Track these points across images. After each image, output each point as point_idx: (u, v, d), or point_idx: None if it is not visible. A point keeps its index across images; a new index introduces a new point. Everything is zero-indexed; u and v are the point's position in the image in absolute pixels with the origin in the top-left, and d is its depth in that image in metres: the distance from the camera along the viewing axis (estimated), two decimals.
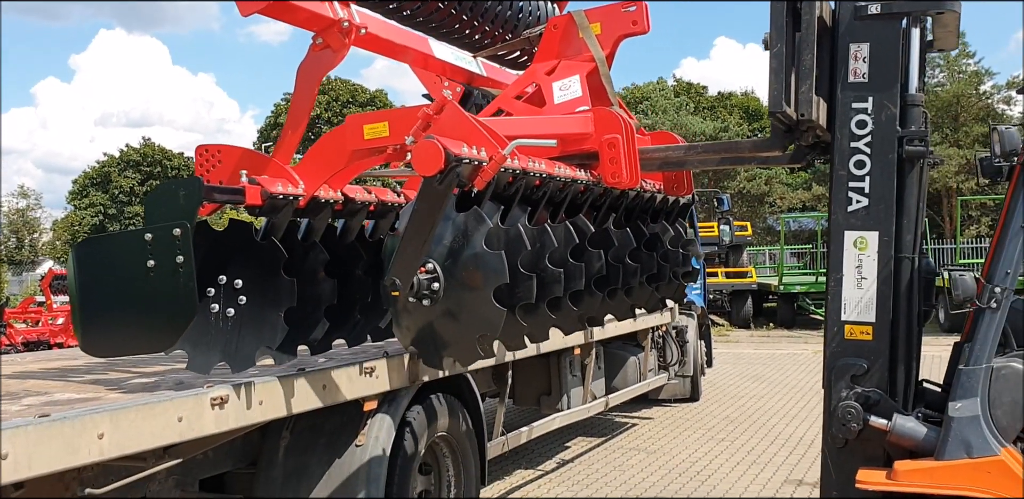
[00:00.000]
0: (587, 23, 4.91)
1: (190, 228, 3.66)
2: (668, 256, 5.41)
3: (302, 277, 4.13)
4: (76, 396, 3.65)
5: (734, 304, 23.22)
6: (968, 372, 3.90)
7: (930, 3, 4.13)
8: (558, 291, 3.93)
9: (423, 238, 3.48)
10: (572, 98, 4.69)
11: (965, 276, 3.90)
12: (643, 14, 4.88)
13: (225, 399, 3.65)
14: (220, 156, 4.33)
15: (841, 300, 4.23)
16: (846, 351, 4.19)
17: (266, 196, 4.04)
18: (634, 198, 5.13)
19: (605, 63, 4.87)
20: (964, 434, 3.80)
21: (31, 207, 47.97)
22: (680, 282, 5.74)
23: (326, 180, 4.22)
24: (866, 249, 4.19)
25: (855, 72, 4.20)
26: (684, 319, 10.76)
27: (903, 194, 4.21)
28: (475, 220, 3.56)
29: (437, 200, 3.46)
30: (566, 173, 4.18)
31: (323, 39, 4.17)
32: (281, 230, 4.19)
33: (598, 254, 4.37)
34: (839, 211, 4.23)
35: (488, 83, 5.45)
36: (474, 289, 3.52)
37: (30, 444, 2.84)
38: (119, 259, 3.83)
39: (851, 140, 4.20)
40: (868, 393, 4.10)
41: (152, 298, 3.73)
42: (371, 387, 4.58)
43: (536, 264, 3.88)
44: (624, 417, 10.49)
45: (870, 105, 4.17)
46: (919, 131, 4.14)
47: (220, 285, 3.99)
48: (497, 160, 3.50)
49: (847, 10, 4.20)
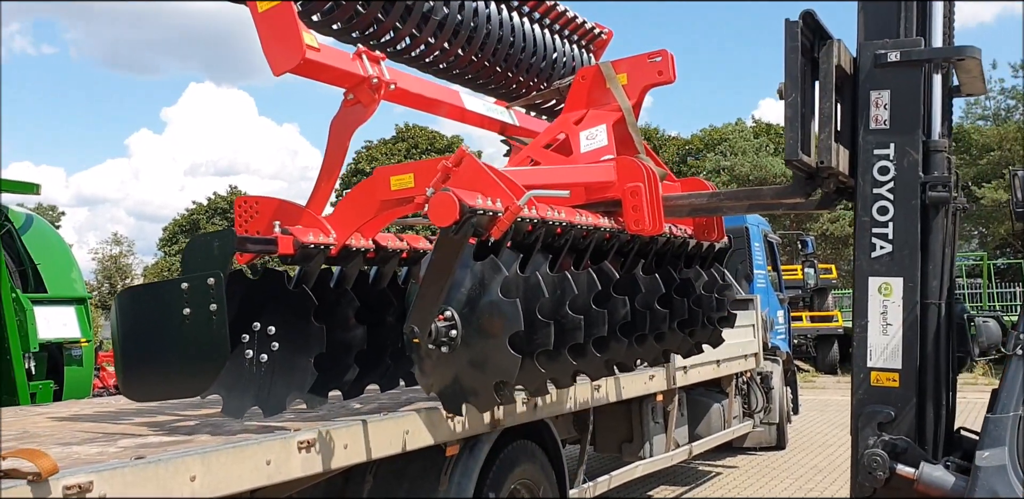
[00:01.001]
0: (614, 74, 5.03)
1: (223, 277, 3.82)
2: (701, 301, 5.43)
3: (333, 323, 4.25)
4: (168, 439, 3.72)
5: (819, 349, 22.70)
6: (995, 420, 3.85)
7: (949, 50, 4.17)
8: (579, 337, 3.98)
9: (440, 286, 3.59)
10: (598, 147, 4.79)
11: (989, 322, 3.88)
12: (668, 64, 4.98)
13: (312, 443, 3.67)
14: (258, 207, 4.50)
15: (867, 346, 4.23)
16: (872, 398, 4.18)
17: (298, 245, 4.19)
18: (664, 244, 5.18)
19: (632, 112, 4.97)
20: (991, 484, 3.75)
21: (123, 254, 49.47)
22: (716, 327, 5.75)
23: (357, 229, 4.36)
24: (891, 295, 4.19)
25: (876, 118, 4.23)
26: (769, 365, 10.53)
27: (928, 240, 4.21)
28: (491, 269, 3.65)
29: (453, 249, 3.56)
30: (588, 221, 4.26)
31: (354, 95, 4.33)
32: (313, 278, 4.32)
33: (623, 300, 4.42)
34: (863, 257, 4.25)
35: (521, 132, 5.58)
36: (490, 336, 3.61)
37: (126, 485, 2.91)
38: (158, 307, 4.00)
39: (874, 186, 4.22)
40: (895, 441, 4.07)
41: (188, 344, 3.89)
42: (454, 432, 4.56)
43: (556, 311, 3.95)
44: (708, 466, 10.29)
45: (892, 151, 4.20)
46: (942, 177, 4.15)
47: (254, 332, 4.13)
48: (513, 210, 3.60)
49: (868, 58, 4.25)
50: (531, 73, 5.74)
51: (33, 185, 7.95)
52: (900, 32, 4.26)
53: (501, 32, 5.33)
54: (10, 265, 7.07)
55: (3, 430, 4.06)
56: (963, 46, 4.19)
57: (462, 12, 5.02)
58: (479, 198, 3.52)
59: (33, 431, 4.06)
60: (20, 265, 7.42)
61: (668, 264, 5.28)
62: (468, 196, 3.50)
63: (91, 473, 2.80)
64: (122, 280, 48.88)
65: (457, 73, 5.37)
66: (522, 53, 5.58)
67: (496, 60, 5.43)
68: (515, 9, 5.53)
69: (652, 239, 4.96)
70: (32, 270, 7.40)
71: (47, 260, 7.80)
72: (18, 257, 7.42)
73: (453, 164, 3.72)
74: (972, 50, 4.16)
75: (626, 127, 4.95)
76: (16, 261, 7.38)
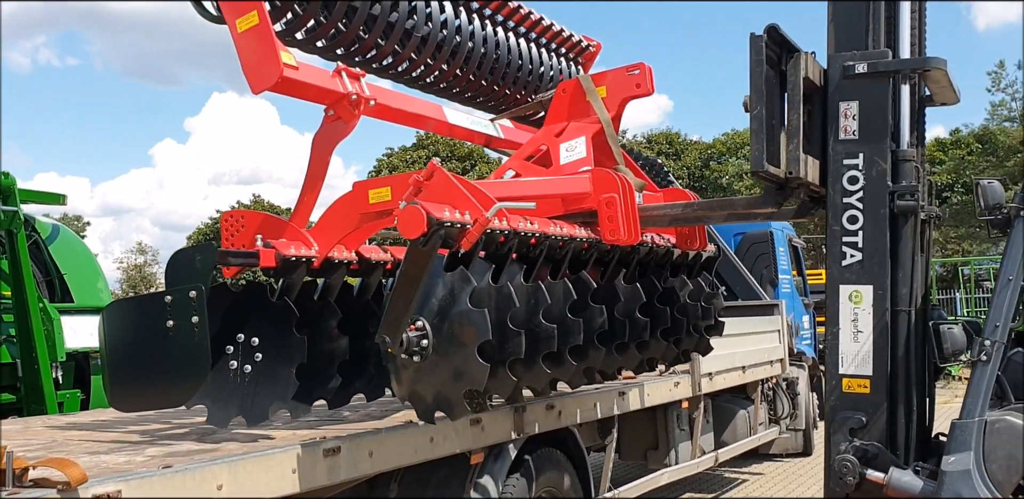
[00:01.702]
0: (593, 87, 5.13)
1: (204, 290, 3.94)
2: (686, 310, 5.50)
3: (316, 334, 4.36)
4: (195, 447, 3.78)
5: None
6: (961, 425, 3.91)
7: (914, 62, 4.25)
8: (553, 346, 4.07)
9: (410, 297, 3.68)
10: (577, 159, 4.89)
11: (953, 329, 3.93)
12: (646, 77, 5.08)
13: (337, 450, 3.72)
14: (244, 221, 4.61)
15: (839, 353, 4.29)
16: (845, 404, 4.24)
17: (279, 258, 4.29)
18: (647, 253, 5.26)
19: (611, 124, 5.07)
20: (957, 487, 3.80)
21: (148, 263, 49.98)
22: (703, 336, 5.81)
23: (338, 242, 4.47)
24: (861, 303, 4.25)
25: (846, 129, 4.31)
26: (795, 371, 10.50)
27: (898, 248, 4.28)
28: (461, 279, 3.74)
29: (422, 261, 3.66)
30: (562, 231, 4.35)
31: (334, 111, 4.45)
32: (295, 290, 4.43)
33: (600, 309, 4.50)
34: (834, 265, 4.31)
35: (506, 144, 5.67)
36: (460, 345, 3.69)
37: (154, 494, 2.96)
38: (143, 320, 4.12)
39: (843, 196, 4.29)
40: (866, 446, 4.14)
41: (171, 356, 4.01)
42: (478, 440, 4.59)
43: (530, 320, 4.04)
44: (734, 472, 10.25)
45: (861, 161, 4.27)
46: (909, 186, 4.22)
47: (238, 343, 4.24)
48: (481, 222, 3.69)
49: (837, 70, 4.33)
50: (517, 86, 5.83)
51: (59, 196, 8.11)
52: (868, 44, 4.33)
53: (485, 47, 5.42)
54: (37, 275, 7.18)
55: (32, 439, 4.15)
56: (928, 57, 4.27)
57: (445, 29, 5.13)
58: (447, 211, 3.62)
59: (61, 440, 4.15)
60: (47, 275, 7.53)
61: (652, 273, 5.36)
62: (436, 209, 3.60)
63: (119, 482, 2.85)
64: (147, 289, 49.40)
65: (443, 88, 5.47)
66: (507, 67, 5.68)
67: (481, 74, 5.53)
68: (499, 24, 5.64)
69: (634, 249, 5.04)
70: (59, 280, 7.50)
71: (73, 270, 7.91)
72: (45, 267, 7.52)
73: (425, 178, 3.82)
74: (936, 61, 4.23)
75: (605, 139, 5.04)
76: (43, 271, 7.49)
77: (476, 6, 5.39)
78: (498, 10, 5.55)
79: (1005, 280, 3.91)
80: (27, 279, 6.68)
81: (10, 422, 5.27)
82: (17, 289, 6.67)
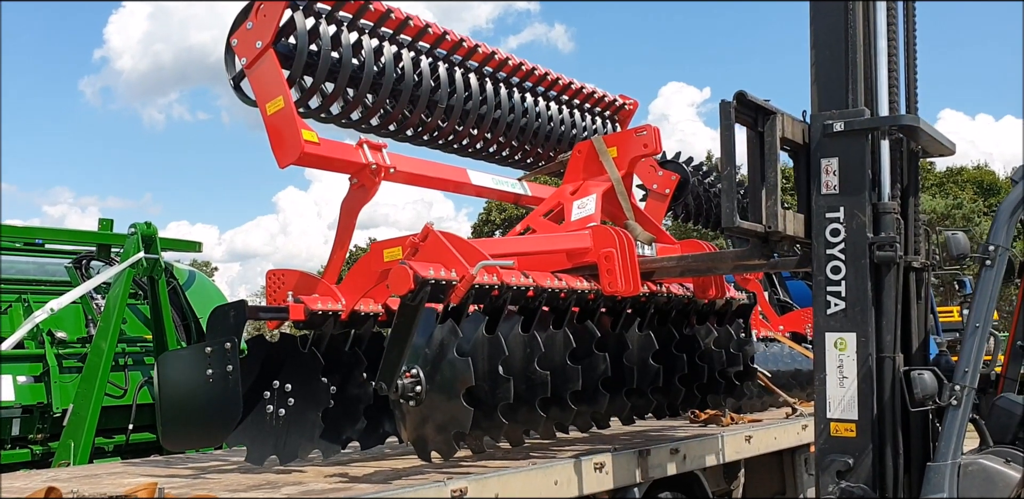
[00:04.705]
0: (605, 148, 5.51)
1: (237, 342, 4.46)
2: (710, 357, 5.74)
3: (345, 381, 4.82)
4: (328, 486, 4.00)
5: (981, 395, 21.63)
6: (935, 468, 4.04)
7: (885, 120, 4.46)
8: (547, 391, 4.41)
9: (402, 347, 4.10)
10: (586, 215, 5.24)
11: (924, 374, 4.08)
12: (653, 137, 5.42)
13: (464, 491, 3.83)
14: (284, 279, 5.14)
15: (826, 398, 4.47)
16: (832, 447, 4.40)
17: (307, 312, 4.78)
18: (667, 302, 5.54)
19: (621, 182, 5.42)
20: None
21: None
22: (734, 382, 6.00)
23: (362, 296, 4.93)
24: (845, 349, 4.43)
25: (827, 184, 4.53)
26: None
27: (881, 296, 4.45)
28: (449, 331, 4.15)
29: (412, 315, 4.09)
30: (559, 284, 4.70)
31: (357, 179, 4.95)
32: (324, 341, 4.91)
33: (603, 356, 4.82)
34: (820, 314, 4.51)
35: (533, 201, 6.07)
36: (447, 391, 4.09)
37: None
38: (188, 369, 4.67)
39: (827, 247, 4.51)
40: (852, 488, 4.29)
41: (210, 400, 4.54)
42: (601, 483, 4.63)
43: (526, 367, 4.41)
44: None
45: (842, 214, 4.48)
46: (888, 237, 4.40)
47: (274, 389, 4.74)
48: (467, 279, 4.10)
49: (818, 128, 4.58)
50: (547, 147, 6.24)
51: (195, 243, 8.77)
52: (848, 103, 4.56)
53: (512, 115, 5.86)
54: (176, 320, 7.64)
55: (174, 477, 4.44)
56: (899, 115, 4.47)
57: (470, 100, 5.59)
58: (432, 269, 4.04)
59: (201, 478, 4.46)
60: (184, 319, 7.93)
61: (672, 321, 5.64)
62: (422, 268, 4.02)
63: None
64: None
65: (472, 151, 5.93)
66: (537, 130, 6.10)
67: (510, 138, 5.95)
68: (528, 90, 6.07)
69: (648, 298, 5.34)
70: (195, 324, 7.87)
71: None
72: (182, 311, 7.92)
73: (420, 239, 4.26)
74: (907, 118, 4.43)
75: (615, 196, 5.39)
76: (181, 315, 7.89)
77: (503, 75, 5.85)
78: (525, 78, 5.99)
79: (972, 327, 4.04)
80: (167, 324, 7.23)
81: (155, 459, 5.71)
82: (158, 333, 7.22)
